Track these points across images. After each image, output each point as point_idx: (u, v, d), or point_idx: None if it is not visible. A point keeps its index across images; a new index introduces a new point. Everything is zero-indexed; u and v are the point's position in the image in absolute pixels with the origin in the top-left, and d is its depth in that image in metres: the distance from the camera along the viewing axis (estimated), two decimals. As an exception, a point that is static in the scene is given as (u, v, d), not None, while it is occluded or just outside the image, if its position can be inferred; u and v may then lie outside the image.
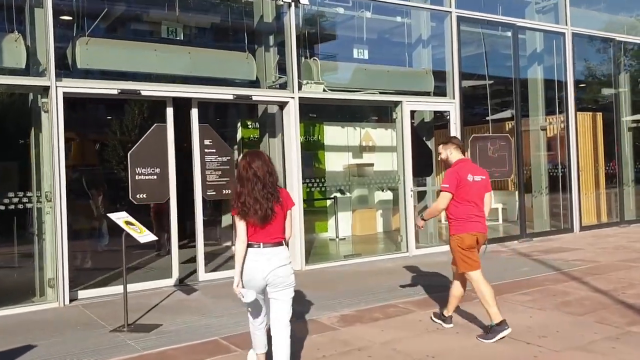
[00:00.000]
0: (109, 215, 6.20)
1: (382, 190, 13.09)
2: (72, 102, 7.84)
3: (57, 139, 7.24)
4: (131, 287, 7.17)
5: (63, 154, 7.34)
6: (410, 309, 6.57)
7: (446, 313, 5.84)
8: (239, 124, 12.06)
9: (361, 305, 6.79)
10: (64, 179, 7.31)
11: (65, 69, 7.67)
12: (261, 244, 4.12)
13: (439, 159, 5.84)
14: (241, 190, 4.12)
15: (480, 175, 5.60)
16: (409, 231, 10.29)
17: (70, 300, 7.33)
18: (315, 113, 12.64)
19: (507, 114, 13.11)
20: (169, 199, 8.18)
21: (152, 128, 8.17)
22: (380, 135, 13.27)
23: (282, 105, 9.37)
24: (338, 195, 12.60)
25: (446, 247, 6.97)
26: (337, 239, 12.50)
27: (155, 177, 8.01)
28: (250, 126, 12.14)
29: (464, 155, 5.80)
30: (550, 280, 7.90)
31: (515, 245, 11.35)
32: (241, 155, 5.53)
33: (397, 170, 10.63)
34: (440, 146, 5.79)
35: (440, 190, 5.64)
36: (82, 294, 7.62)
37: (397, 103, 10.41)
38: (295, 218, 9.00)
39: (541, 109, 13.02)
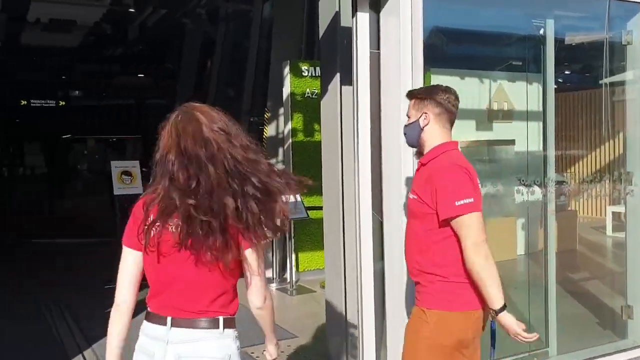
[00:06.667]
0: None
1: (526, 187, 7.57)
2: None
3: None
4: None
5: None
6: None
7: None
8: (286, 68, 6.67)
9: None
10: None
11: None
12: None
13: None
14: None
15: None
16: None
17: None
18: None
19: None
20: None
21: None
22: (518, 92, 7.82)
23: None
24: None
25: None
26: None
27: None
28: (306, 72, 6.73)
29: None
30: None
31: None
32: None
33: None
34: (414, 101, 2.80)
35: (454, 213, 2.56)
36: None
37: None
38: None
39: None
